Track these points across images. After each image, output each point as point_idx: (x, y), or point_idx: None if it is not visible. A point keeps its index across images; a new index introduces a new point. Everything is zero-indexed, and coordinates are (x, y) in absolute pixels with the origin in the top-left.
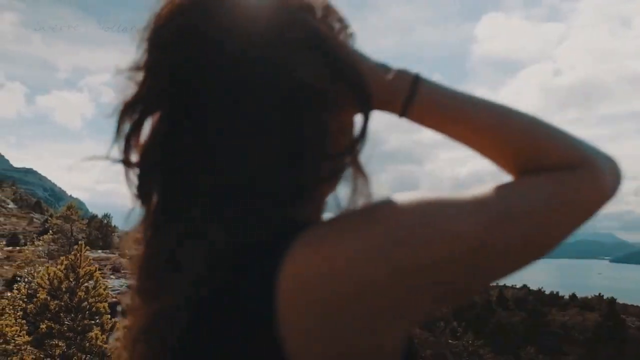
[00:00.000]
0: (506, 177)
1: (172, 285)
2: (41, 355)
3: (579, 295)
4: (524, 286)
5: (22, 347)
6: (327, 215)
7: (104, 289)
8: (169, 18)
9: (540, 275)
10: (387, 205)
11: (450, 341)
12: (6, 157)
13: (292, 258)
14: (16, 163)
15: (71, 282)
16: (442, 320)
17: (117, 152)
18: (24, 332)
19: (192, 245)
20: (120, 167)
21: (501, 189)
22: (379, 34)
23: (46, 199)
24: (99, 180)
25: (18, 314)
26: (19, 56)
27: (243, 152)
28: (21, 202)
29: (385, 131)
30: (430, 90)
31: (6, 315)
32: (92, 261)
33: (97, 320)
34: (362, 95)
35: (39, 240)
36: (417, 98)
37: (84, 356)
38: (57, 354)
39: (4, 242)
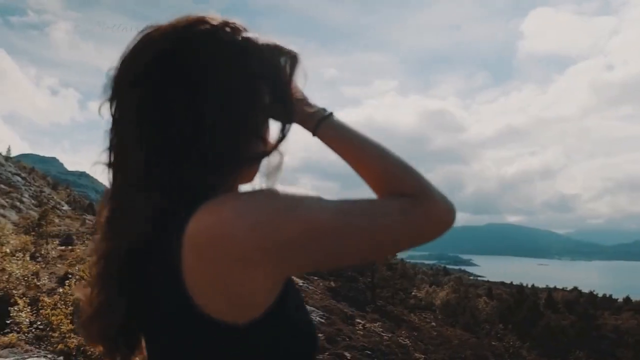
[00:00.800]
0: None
1: (119, 233)
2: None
3: (634, 298)
4: (575, 289)
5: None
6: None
7: None
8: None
9: (593, 277)
10: (274, 190)
11: (493, 343)
12: (61, 161)
13: (195, 217)
14: (70, 167)
15: None
16: (487, 322)
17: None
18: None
19: (134, 205)
20: None
21: (363, 200)
22: (424, 33)
23: (98, 201)
24: None
25: (69, 309)
26: (73, 64)
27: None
28: (75, 204)
29: (431, 131)
30: (334, 125)
31: (58, 310)
32: None
33: None
34: (288, 115)
35: (90, 239)
36: (322, 126)
37: None
38: None
39: (57, 242)
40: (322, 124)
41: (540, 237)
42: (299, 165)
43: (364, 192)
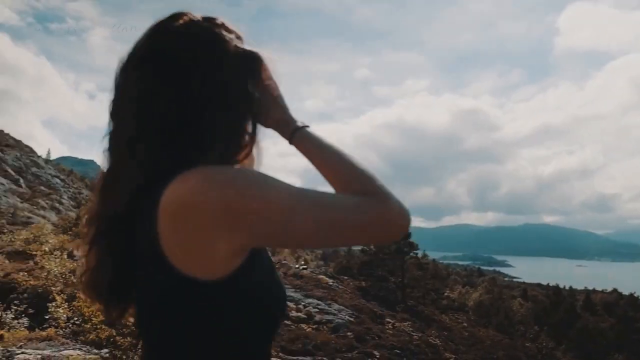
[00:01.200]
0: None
1: (107, 200)
2: None
3: None
4: (615, 291)
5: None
6: None
7: None
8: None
9: (634, 279)
10: (244, 168)
11: (526, 344)
12: (98, 163)
13: (169, 186)
14: None
15: None
16: (522, 324)
17: None
18: None
19: (120, 175)
20: None
21: (324, 192)
22: (457, 31)
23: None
24: None
25: None
26: (110, 68)
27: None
28: None
29: (464, 130)
30: (308, 135)
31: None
32: None
33: None
34: (259, 115)
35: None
36: (297, 135)
37: None
38: None
39: None
40: (297, 134)
41: (578, 237)
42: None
43: (394, 192)
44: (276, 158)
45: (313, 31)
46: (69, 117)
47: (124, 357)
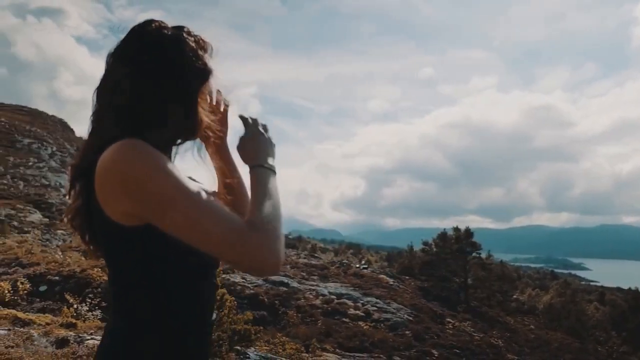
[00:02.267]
0: None
1: (80, 155)
2: None
3: None
4: None
5: None
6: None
7: None
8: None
9: None
10: (155, 154)
11: (599, 348)
12: None
13: (103, 153)
14: None
15: None
16: (596, 329)
17: None
18: None
19: (90, 139)
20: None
21: (218, 207)
22: (525, 25)
23: None
24: (249, 187)
25: None
26: None
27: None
28: None
29: (534, 128)
30: (260, 173)
31: None
32: None
33: None
34: (187, 103)
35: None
36: (255, 169)
37: None
38: None
39: None
40: (255, 168)
41: None
42: (396, 166)
43: (461, 193)
44: (341, 159)
45: (375, 31)
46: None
47: None
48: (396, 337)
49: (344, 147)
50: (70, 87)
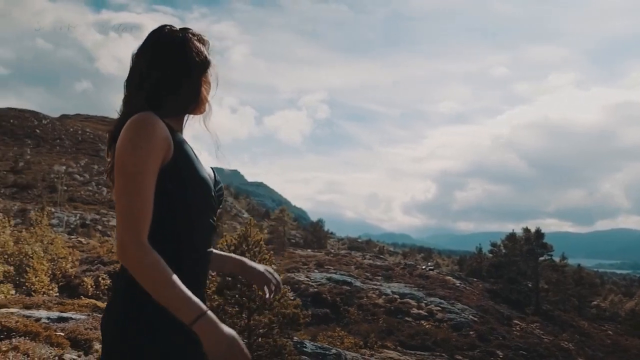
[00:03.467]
0: None
1: (115, 126)
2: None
3: None
4: None
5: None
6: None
7: (269, 255)
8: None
9: None
10: (156, 135)
11: None
12: (241, 173)
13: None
14: (250, 178)
15: (243, 248)
16: None
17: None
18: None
19: (122, 110)
20: (338, 179)
21: (143, 199)
22: (606, 17)
23: (274, 209)
24: (321, 191)
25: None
26: (249, 83)
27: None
28: (253, 212)
29: (619, 125)
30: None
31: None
32: (300, 257)
33: None
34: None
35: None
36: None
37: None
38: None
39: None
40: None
41: None
42: (468, 170)
43: (538, 195)
44: (412, 163)
45: (446, 32)
46: (215, 131)
47: (230, 322)
48: (459, 337)
49: (414, 150)
50: None
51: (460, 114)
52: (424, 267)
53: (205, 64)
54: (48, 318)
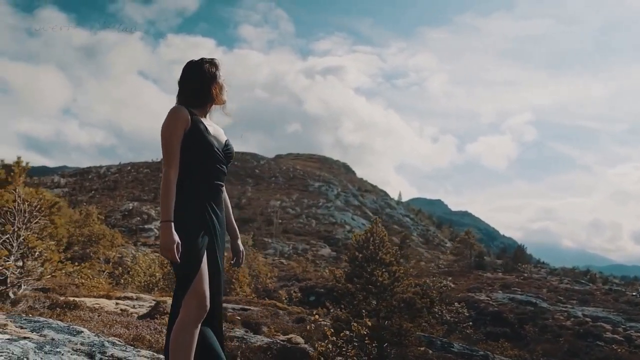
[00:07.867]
0: None
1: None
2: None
3: None
4: None
5: None
6: None
7: (393, 251)
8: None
9: None
10: (181, 121)
11: None
12: (445, 202)
13: None
14: (454, 207)
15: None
16: None
17: None
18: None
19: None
20: (552, 205)
21: (176, 154)
22: None
23: (480, 239)
24: (532, 219)
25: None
26: (449, 111)
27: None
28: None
29: None
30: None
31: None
32: (487, 278)
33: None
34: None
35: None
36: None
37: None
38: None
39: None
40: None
41: None
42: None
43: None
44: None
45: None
46: (416, 161)
47: (361, 306)
48: None
49: None
50: (351, 134)
51: None
52: (634, 293)
53: (212, 77)
54: (232, 309)
